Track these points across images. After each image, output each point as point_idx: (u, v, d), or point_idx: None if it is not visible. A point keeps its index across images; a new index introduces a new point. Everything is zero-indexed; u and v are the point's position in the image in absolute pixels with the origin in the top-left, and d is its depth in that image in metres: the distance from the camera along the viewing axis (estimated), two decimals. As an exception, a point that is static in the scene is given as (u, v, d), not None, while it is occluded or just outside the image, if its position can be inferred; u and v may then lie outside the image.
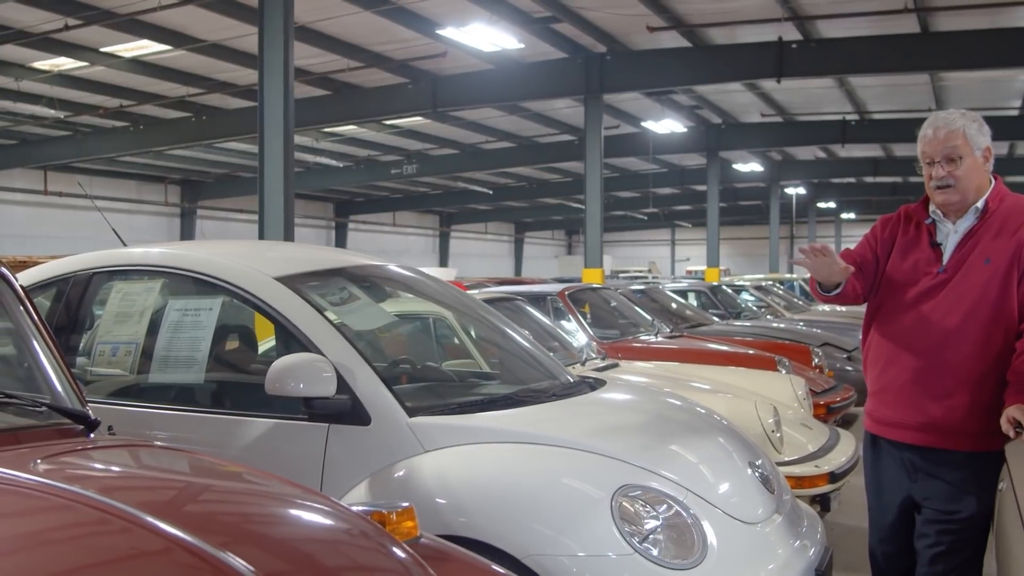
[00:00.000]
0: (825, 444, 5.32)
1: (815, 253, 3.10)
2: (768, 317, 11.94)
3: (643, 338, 7.87)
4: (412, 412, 3.11)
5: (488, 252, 45.30)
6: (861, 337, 3.41)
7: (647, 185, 31.16)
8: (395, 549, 1.84)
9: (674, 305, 10.33)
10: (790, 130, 22.80)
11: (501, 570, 2.08)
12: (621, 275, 30.24)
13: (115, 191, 26.90)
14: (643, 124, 20.41)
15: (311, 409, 3.09)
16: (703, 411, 3.83)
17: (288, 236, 8.78)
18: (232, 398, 3.55)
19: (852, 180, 33.55)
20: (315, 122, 18.25)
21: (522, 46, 14.14)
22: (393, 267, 4.19)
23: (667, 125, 19.74)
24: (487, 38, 12.95)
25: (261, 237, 8.90)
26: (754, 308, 12.59)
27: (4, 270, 2.56)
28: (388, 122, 20.87)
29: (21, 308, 2.51)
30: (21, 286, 2.56)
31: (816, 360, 8.06)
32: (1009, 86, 18.96)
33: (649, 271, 36.24)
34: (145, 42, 14.23)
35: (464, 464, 2.97)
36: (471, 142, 24.52)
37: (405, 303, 4.45)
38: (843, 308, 15.28)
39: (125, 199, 27.25)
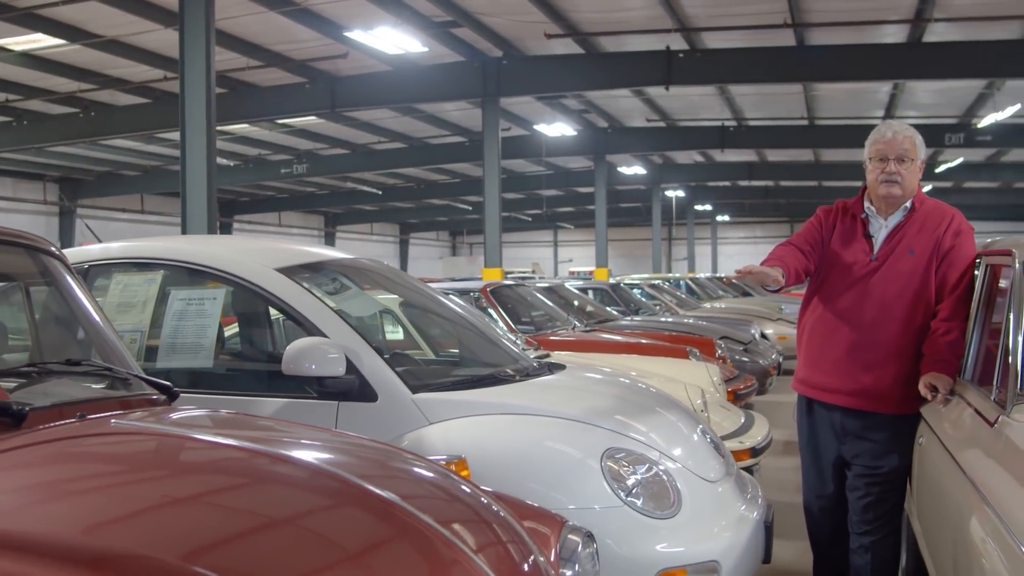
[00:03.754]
0: (743, 424, 5.87)
1: (744, 275, 3.55)
2: (666, 313, 12.58)
3: (560, 332, 8.31)
4: (414, 389, 3.47)
5: (373, 253, 44.95)
6: (799, 312, 3.88)
7: (532, 187, 31.83)
8: (474, 488, 2.21)
9: (577, 302, 10.81)
10: (673, 135, 23.76)
11: (540, 507, 2.45)
12: (507, 275, 30.71)
13: (-11, 188, 26.05)
14: (536, 127, 20.97)
15: (323, 388, 3.39)
16: (654, 389, 4.29)
17: (211, 233, 8.90)
18: (243, 380, 3.82)
19: (727, 184, 34.97)
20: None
21: (426, 49, 14.46)
22: (365, 260, 4.52)
23: (558, 129, 20.37)
24: (392, 41, 13.23)
25: (184, 233, 8.99)
26: (651, 305, 13.23)
27: (56, 250, 2.79)
28: (281, 121, 20.87)
29: (80, 288, 2.75)
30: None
31: (719, 351, 8.65)
32: (873, 97, 20.31)
33: (533, 272, 36.89)
34: (39, 36, 13.95)
35: (468, 433, 3.33)
36: (363, 142, 24.65)
37: (376, 293, 4.76)
38: (723, 304, 16.17)
39: (0, 197, 26.34)
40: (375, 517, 1.83)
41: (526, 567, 1.95)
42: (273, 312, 4.07)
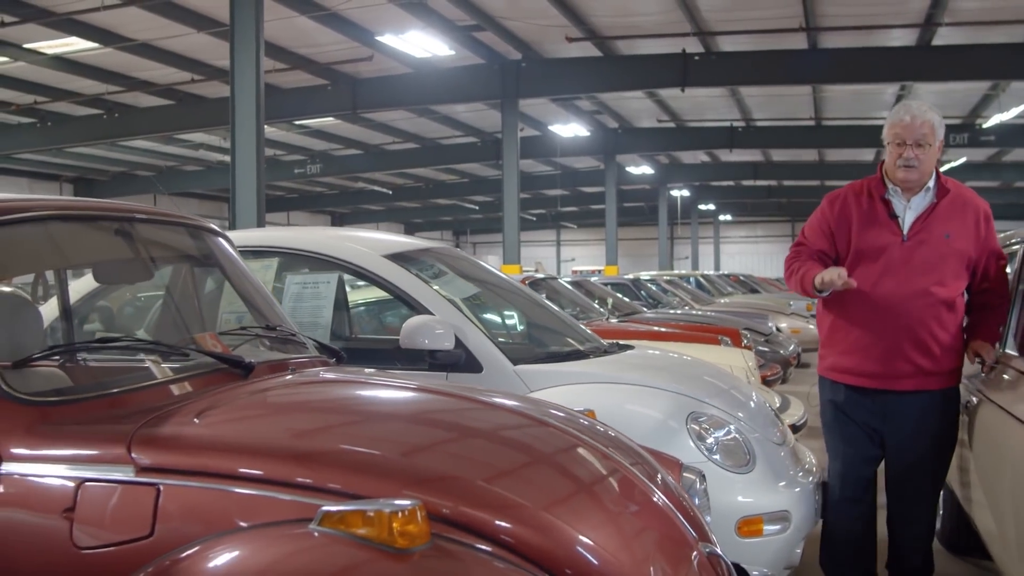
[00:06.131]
0: (781, 404, 6.30)
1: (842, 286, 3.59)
2: (684, 307, 13.01)
3: (596, 322, 8.72)
4: (515, 361, 3.90)
5: (378, 252, 45.56)
6: (821, 301, 3.82)
7: (538, 186, 32.28)
8: (607, 427, 2.63)
9: (606, 296, 11.24)
10: (682, 135, 24.19)
11: (658, 450, 2.87)
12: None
13: (6, 188, 26.35)
14: (551, 128, 21.40)
15: (434, 360, 3.82)
16: (713, 366, 4.72)
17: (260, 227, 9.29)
18: (362, 353, 4.24)
19: (732, 183, 35.41)
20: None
21: (452, 53, 14.89)
22: (445, 248, 4.95)
23: (572, 129, 20.82)
24: (421, 45, 13.68)
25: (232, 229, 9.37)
26: (669, 300, 13.66)
27: (219, 228, 3.20)
28: (298, 122, 21.27)
29: (243, 267, 3.16)
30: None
31: (745, 341, 9.06)
32: (878, 98, 20.73)
33: (536, 271, 37.32)
34: (72, 39, 14.31)
35: (567, 399, 3.71)
36: (376, 143, 25.06)
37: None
38: (735, 300, 16.59)
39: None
40: (553, 437, 2.31)
41: (663, 481, 2.39)
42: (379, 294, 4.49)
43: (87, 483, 1.95)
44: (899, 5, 13.79)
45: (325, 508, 1.74)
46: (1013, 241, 4.16)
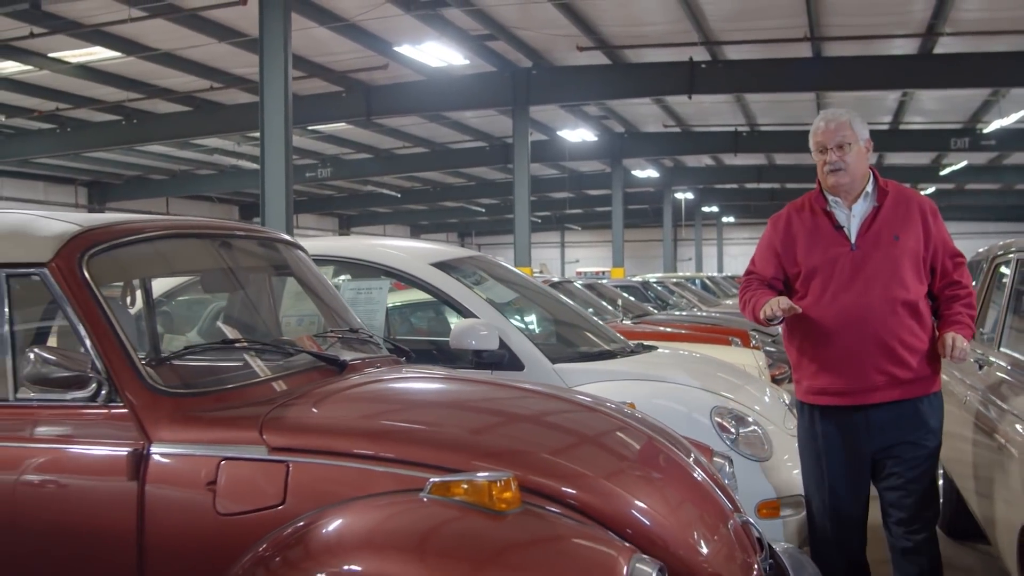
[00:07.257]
0: (791, 401, 6.69)
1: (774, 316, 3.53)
2: (692, 309, 13.41)
3: (611, 323, 9.10)
4: (553, 360, 4.30)
5: (385, 254, 45.94)
6: (785, 323, 3.64)
7: (544, 189, 32.67)
8: (647, 416, 3.03)
9: (616, 298, 11.63)
10: (688, 139, 24.59)
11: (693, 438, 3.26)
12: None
13: (23, 192, 26.79)
14: (559, 133, 21.80)
15: (480, 359, 4.21)
16: (730, 364, 5.11)
17: (288, 232, 9.67)
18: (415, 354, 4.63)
19: (735, 186, 35.80)
20: (248, 127, 18.82)
21: (467, 62, 15.28)
22: (480, 255, 5.35)
23: (580, 134, 21.22)
24: (437, 55, 14.09)
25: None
26: (677, 302, 14.06)
27: (298, 243, 3.60)
28: (312, 127, 21.65)
29: (319, 274, 3.56)
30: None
31: (754, 342, 9.45)
32: (881, 104, 21.12)
33: (541, 272, 37.72)
34: (96, 48, 14.70)
35: (605, 394, 4.13)
36: (386, 147, 25.46)
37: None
38: (731, 300, 16.96)
39: (32, 200, 27.13)
40: (605, 422, 2.75)
41: (699, 460, 2.79)
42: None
43: (225, 461, 2.34)
44: (902, 15, 14.17)
45: (433, 479, 2.14)
46: (1013, 250, 4.50)
